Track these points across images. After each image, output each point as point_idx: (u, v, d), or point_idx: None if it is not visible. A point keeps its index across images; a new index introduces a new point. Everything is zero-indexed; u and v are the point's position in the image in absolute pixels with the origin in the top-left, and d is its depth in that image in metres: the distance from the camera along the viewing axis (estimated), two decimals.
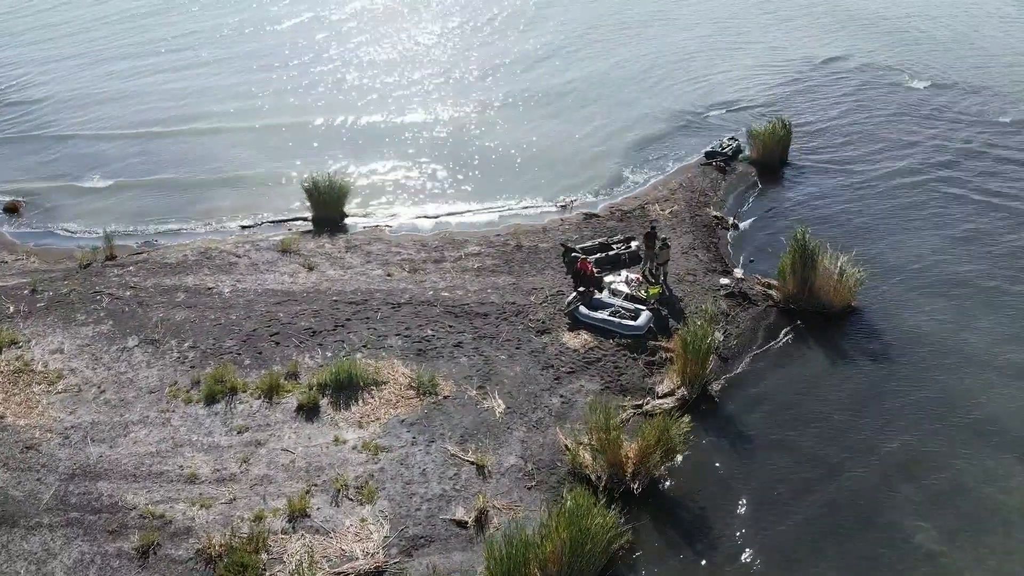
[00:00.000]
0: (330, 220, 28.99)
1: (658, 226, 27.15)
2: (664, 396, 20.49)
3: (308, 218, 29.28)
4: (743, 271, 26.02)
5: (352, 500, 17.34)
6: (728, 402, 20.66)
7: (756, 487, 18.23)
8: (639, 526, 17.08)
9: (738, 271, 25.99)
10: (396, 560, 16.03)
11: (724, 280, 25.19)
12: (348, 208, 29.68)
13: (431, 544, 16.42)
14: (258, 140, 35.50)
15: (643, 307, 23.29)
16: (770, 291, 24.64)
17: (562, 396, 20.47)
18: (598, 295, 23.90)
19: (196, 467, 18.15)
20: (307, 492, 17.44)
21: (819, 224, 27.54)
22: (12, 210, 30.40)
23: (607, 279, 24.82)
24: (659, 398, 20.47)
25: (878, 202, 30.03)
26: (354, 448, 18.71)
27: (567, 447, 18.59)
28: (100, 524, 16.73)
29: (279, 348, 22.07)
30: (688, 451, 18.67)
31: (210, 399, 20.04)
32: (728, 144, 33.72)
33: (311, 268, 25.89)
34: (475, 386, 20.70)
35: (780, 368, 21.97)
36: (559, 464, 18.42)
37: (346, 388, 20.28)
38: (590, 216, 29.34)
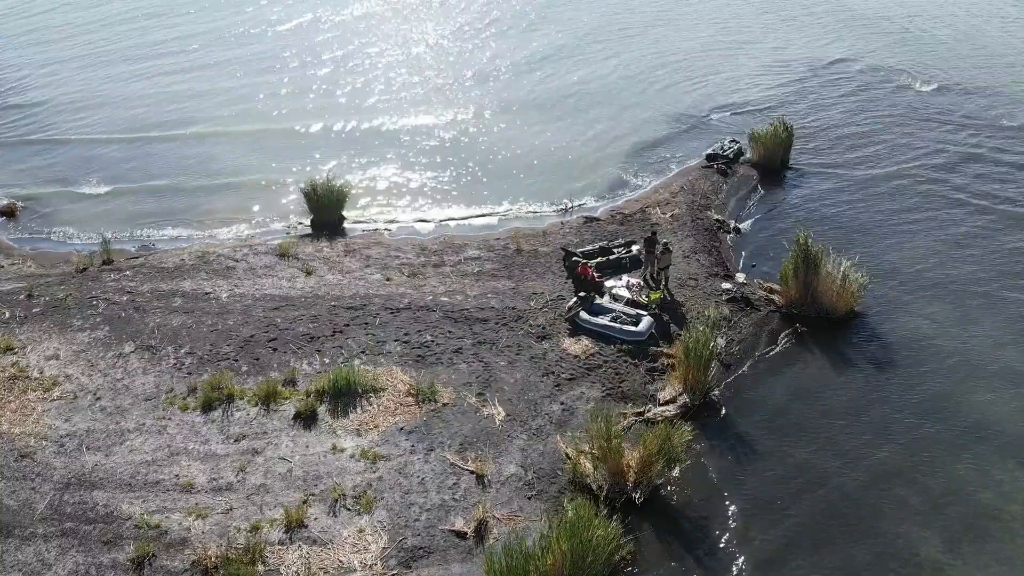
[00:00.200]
0: (329, 224, 28.77)
1: (659, 230, 26.96)
2: (666, 403, 20.29)
3: (307, 222, 29.06)
4: (745, 275, 25.83)
5: (350, 510, 17.12)
6: (730, 408, 20.47)
7: (758, 495, 18.05)
8: (641, 536, 16.87)
9: (740, 275, 25.80)
10: (394, 572, 15.81)
11: (726, 284, 24.99)
12: (347, 212, 29.47)
13: (430, 555, 16.20)
14: (256, 144, 35.23)
15: (644, 312, 23.09)
16: (772, 296, 24.44)
17: (563, 403, 20.27)
18: (599, 300, 23.69)
19: (192, 476, 17.93)
20: (304, 502, 17.22)
21: (820, 227, 27.43)
22: (9, 214, 30.13)
23: (607, 284, 24.63)
24: (661, 405, 20.27)
25: (879, 205, 29.86)
26: (352, 457, 18.49)
27: (568, 455, 18.39)
28: (95, 534, 16.51)
29: (277, 354, 21.86)
30: (690, 459, 18.48)
31: (207, 406, 19.81)
32: (729, 147, 33.55)
33: (309, 272, 25.68)
34: (475, 393, 20.49)
35: (783, 374, 21.81)
36: (560, 473, 18.21)
37: (344, 395, 20.05)
38: (590, 220, 29.13)
